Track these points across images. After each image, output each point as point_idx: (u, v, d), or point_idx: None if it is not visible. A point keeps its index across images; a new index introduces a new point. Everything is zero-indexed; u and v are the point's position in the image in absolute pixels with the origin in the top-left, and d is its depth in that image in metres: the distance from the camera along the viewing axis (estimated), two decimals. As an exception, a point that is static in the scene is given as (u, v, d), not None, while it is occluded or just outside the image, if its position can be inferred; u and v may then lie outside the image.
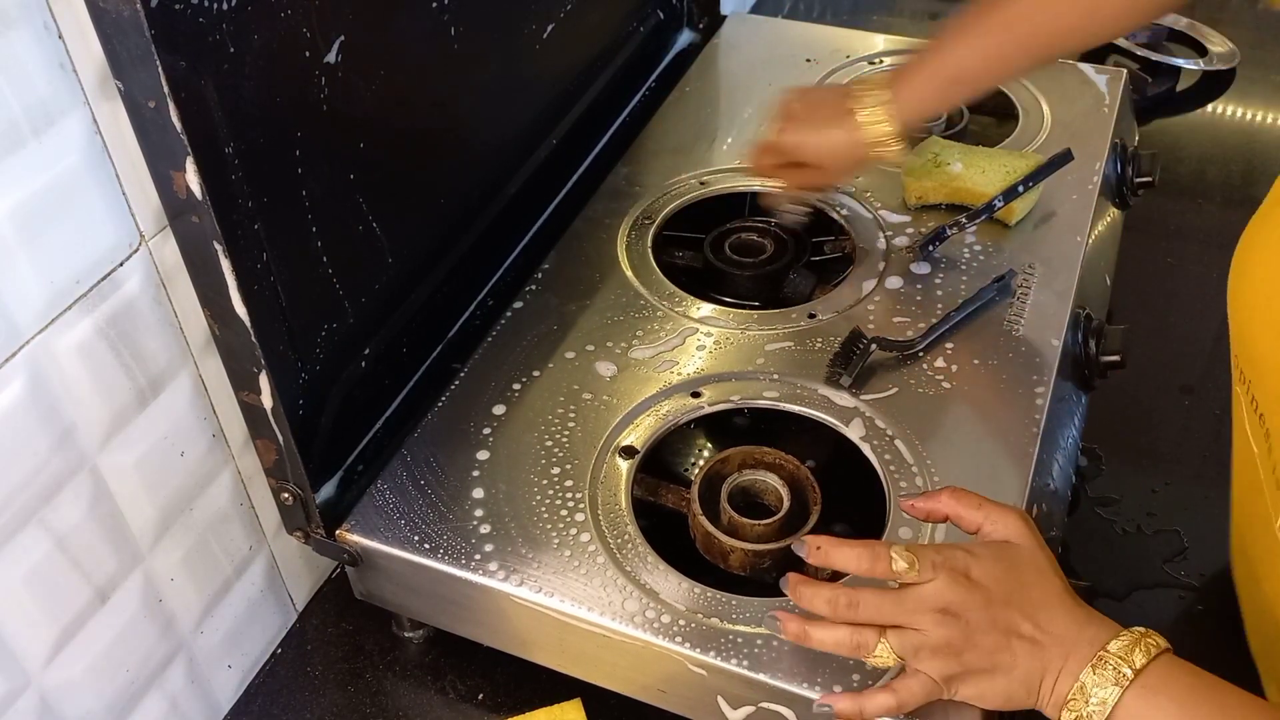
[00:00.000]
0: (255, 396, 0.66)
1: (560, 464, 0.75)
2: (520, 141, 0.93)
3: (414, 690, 0.78)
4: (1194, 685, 0.54)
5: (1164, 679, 0.54)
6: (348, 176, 0.69)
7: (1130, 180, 1.03)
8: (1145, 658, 0.54)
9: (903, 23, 1.52)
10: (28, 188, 0.53)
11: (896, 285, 0.87)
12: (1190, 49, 1.39)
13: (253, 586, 0.78)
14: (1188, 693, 0.54)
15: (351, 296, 0.73)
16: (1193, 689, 0.54)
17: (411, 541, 0.71)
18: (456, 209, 0.85)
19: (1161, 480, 0.90)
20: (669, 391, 0.79)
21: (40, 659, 0.62)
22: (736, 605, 0.67)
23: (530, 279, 0.89)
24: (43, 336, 0.56)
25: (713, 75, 1.14)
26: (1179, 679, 0.54)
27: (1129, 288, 1.06)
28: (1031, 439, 0.75)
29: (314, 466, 0.71)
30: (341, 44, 0.64)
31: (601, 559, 0.69)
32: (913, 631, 0.57)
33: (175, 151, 0.54)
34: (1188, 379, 0.98)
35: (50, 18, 0.52)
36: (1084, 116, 1.04)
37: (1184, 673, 0.55)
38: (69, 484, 0.60)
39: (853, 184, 0.97)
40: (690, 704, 0.68)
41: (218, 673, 0.77)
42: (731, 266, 0.92)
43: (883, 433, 0.76)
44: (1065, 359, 0.82)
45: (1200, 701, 0.54)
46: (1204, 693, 0.54)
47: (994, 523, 0.60)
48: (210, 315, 0.63)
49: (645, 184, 0.99)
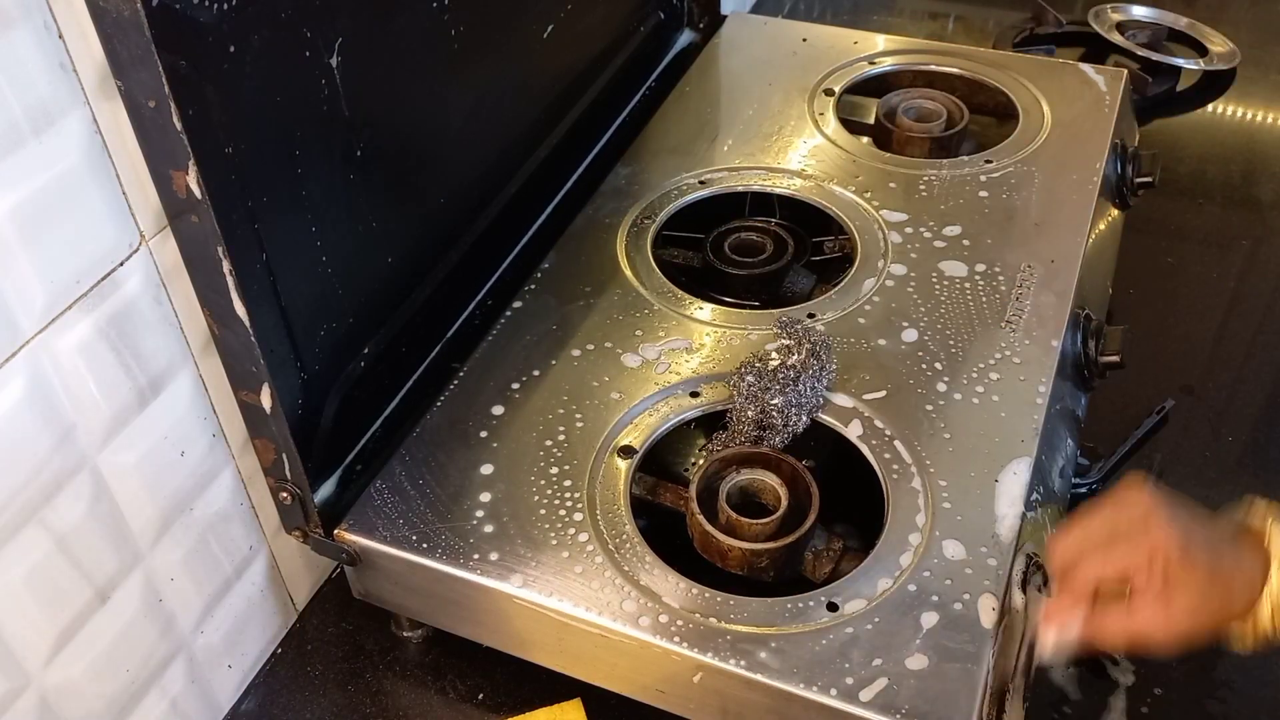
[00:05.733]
0: (254, 396, 0.66)
1: (559, 464, 0.75)
2: (520, 141, 0.93)
3: (414, 690, 0.78)
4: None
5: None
6: (348, 176, 0.69)
7: (1130, 180, 1.03)
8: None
9: (902, 23, 1.52)
10: (28, 188, 0.53)
11: (896, 285, 0.87)
12: (1190, 49, 1.39)
13: (253, 586, 0.78)
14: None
15: (351, 296, 0.73)
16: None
17: (409, 541, 0.71)
18: (456, 209, 0.85)
19: (1162, 480, 0.90)
20: (668, 391, 0.79)
21: (40, 659, 0.62)
22: (735, 605, 0.67)
23: (530, 279, 0.90)
24: (43, 336, 0.57)
25: (713, 75, 1.14)
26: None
27: (1129, 288, 1.06)
28: (1031, 439, 0.75)
29: (313, 466, 0.71)
30: (341, 44, 0.64)
31: (600, 559, 0.69)
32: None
33: (175, 151, 0.54)
34: (1188, 379, 0.98)
35: (50, 17, 0.52)
36: (1084, 116, 1.04)
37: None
38: (69, 484, 0.60)
39: (853, 183, 0.97)
40: (689, 704, 0.69)
41: (218, 673, 0.77)
42: (731, 266, 0.92)
43: (881, 432, 0.76)
44: (1065, 359, 0.82)
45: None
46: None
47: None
48: (210, 315, 0.63)
49: (645, 184, 0.99)
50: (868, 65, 1.13)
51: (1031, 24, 1.43)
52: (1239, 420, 0.95)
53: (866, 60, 1.14)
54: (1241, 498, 0.63)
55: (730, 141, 1.03)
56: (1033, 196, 0.95)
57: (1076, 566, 0.60)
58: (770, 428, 0.75)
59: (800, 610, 0.67)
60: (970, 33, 1.49)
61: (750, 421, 0.76)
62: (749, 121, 1.06)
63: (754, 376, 0.77)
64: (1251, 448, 0.93)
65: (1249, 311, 1.05)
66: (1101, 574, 0.59)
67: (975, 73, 1.11)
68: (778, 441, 0.75)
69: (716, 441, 0.77)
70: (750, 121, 1.06)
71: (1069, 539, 0.61)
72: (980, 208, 0.94)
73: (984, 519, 0.70)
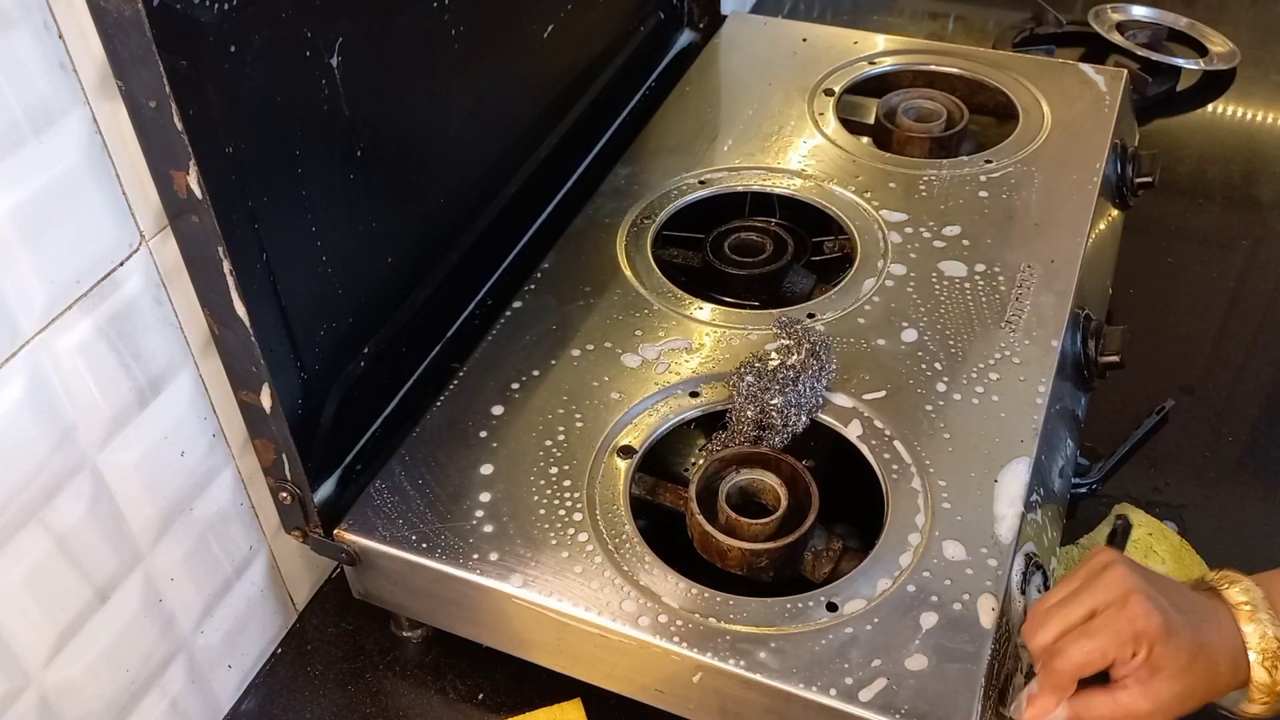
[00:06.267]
0: (254, 396, 0.66)
1: (559, 464, 0.75)
2: (520, 141, 0.93)
3: (414, 690, 0.78)
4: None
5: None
6: (348, 176, 0.69)
7: (1130, 180, 1.03)
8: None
9: (902, 23, 1.52)
10: (28, 187, 0.53)
11: (896, 285, 0.87)
12: (1190, 49, 1.39)
13: (253, 586, 0.78)
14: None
15: (351, 296, 0.73)
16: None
17: (409, 541, 0.71)
18: (456, 208, 0.85)
19: (1162, 480, 0.90)
20: (668, 391, 0.79)
21: (40, 659, 0.62)
22: (734, 605, 0.67)
23: (530, 279, 0.90)
24: (43, 336, 0.57)
25: (713, 75, 1.14)
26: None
27: (1129, 288, 1.06)
28: (1031, 439, 0.75)
29: (312, 466, 0.71)
30: (342, 44, 0.64)
31: (599, 559, 0.69)
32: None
33: (176, 151, 0.54)
34: (1188, 379, 0.98)
35: (50, 17, 0.52)
36: (1084, 116, 1.04)
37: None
38: (69, 484, 0.60)
39: (853, 183, 0.97)
40: (688, 704, 0.69)
41: (218, 673, 0.77)
42: (731, 266, 0.92)
43: (881, 432, 0.76)
44: (1065, 359, 0.82)
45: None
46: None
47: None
48: (210, 315, 0.63)
49: (645, 184, 0.99)
50: (868, 65, 1.13)
51: (1031, 24, 1.43)
52: (1239, 420, 0.95)
53: (866, 60, 1.14)
54: (1242, 499, 0.63)
55: (730, 141, 1.03)
56: (1033, 196, 0.95)
57: (1058, 655, 0.58)
58: (770, 428, 0.75)
59: (800, 610, 0.67)
60: (970, 33, 1.49)
61: (750, 421, 0.76)
62: (749, 121, 1.06)
63: (754, 376, 0.77)
64: (1251, 448, 0.93)
65: (1249, 311, 1.05)
66: (1084, 664, 0.58)
67: (975, 73, 1.11)
68: (777, 441, 0.75)
69: (716, 441, 0.77)
70: (750, 121, 1.06)
71: (1048, 624, 0.60)
72: (980, 208, 0.94)
73: (984, 519, 0.70)
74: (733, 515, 0.71)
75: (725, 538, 0.70)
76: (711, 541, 0.70)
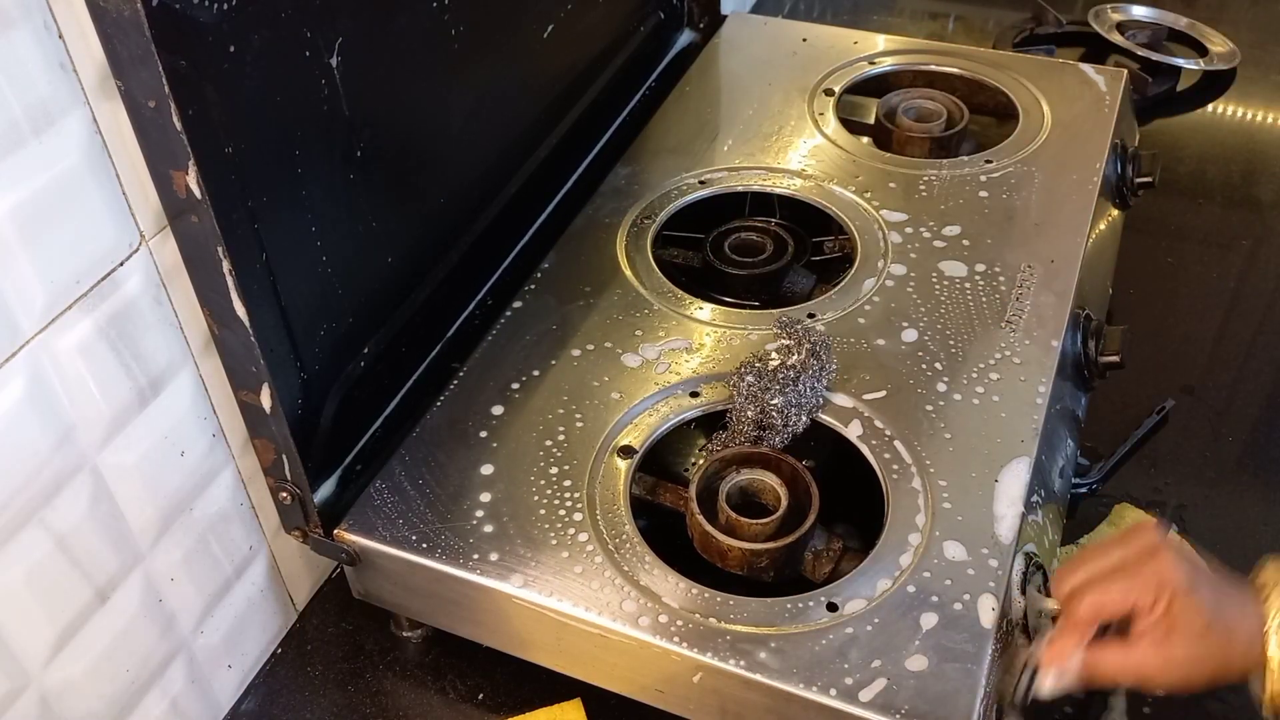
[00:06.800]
0: (254, 396, 0.66)
1: (559, 464, 0.75)
2: (520, 141, 0.93)
3: (414, 690, 0.78)
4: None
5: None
6: (348, 176, 0.69)
7: (1130, 180, 1.03)
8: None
9: (902, 23, 1.52)
10: (28, 187, 0.53)
11: (896, 285, 0.87)
12: (1190, 49, 1.39)
13: (253, 586, 0.78)
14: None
15: (351, 296, 0.73)
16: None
17: (409, 541, 0.71)
18: (456, 208, 0.85)
19: (1162, 480, 0.90)
20: (668, 391, 0.79)
21: (40, 659, 0.62)
22: (734, 605, 0.67)
23: (530, 279, 0.90)
24: (43, 336, 0.57)
25: (713, 75, 1.14)
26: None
27: (1129, 288, 1.06)
28: (1031, 439, 0.75)
29: (312, 466, 0.71)
30: (341, 44, 0.64)
31: (599, 559, 0.69)
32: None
33: (175, 151, 0.54)
34: (1188, 379, 0.98)
35: (50, 17, 0.52)
36: (1084, 116, 1.04)
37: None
38: (69, 484, 0.60)
39: (853, 183, 0.97)
40: (688, 704, 0.69)
41: (218, 673, 0.77)
42: (731, 266, 0.92)
43: (881, 432, 0.76)
44: (1065, 359, 0.82)
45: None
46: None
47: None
48: (210, 315, 0.63)
49: (645, 184, 0.99)
50: (868, 65, 1.13)
51: (1031, 24, 1.43)
52: (1239, 420, 0.95)
53: (866, 60, 1.14)
54: (1242, 499, 0.63)
55: (730, 141, 1.03)
56: (1033, 196, 0.95)
57: (1081, 596, 0.60)
58: (770, 428, 0.75)
59: (800, 610, 0.67)
60: (970, 33, 1.49)
61: (750, 421, 0.76)
62: (749, 121, 1.06)
63: (754, 376, 0.77)
64: (1251, 448, 0.93)
65: (1249, 311, 1.05)
66: (1106, 603, 0.59)
67: (975, 73, 1.11)
68: (778, 441, 0.75)
69: (716, 441, 0.77)
70: (750, 121, 1.06)
71: (1076, 569, 0.61)
72: (980, 208, 0.94)
73: (984, 519, 0.70)
74: (733, 515, 0.71)
75: (725, 538, 0.70)
76: (712, 541, 0.70)
